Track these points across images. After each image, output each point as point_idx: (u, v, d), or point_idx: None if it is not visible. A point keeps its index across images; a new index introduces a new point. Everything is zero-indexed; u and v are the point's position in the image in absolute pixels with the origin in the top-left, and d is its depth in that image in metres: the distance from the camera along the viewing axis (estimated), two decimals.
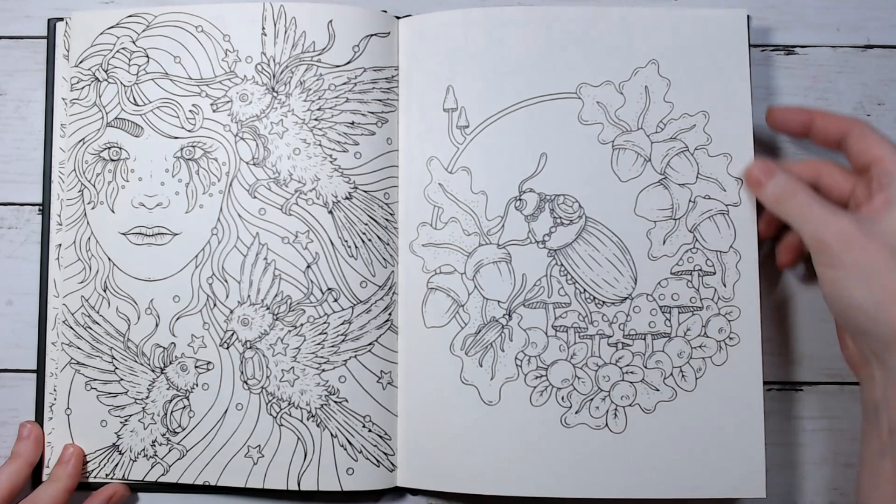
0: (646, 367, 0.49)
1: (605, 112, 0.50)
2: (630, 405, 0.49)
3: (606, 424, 0.49)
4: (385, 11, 0.52)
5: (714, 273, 0.49)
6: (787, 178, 0.45)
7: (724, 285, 0.49)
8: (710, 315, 0.49)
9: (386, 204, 0.51)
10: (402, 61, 0.52)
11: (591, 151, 0.50)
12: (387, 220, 0.51)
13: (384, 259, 0.51)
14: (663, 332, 0.49)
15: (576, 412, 0.49)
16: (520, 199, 0.50)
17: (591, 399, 0.49)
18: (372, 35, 0.51)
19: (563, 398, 0.49)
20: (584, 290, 0.50)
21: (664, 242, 0.50)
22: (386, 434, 0.50)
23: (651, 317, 0.49)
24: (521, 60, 0.51)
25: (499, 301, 0.50)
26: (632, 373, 0.49)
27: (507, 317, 0.49)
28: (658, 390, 0.49)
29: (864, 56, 0.54)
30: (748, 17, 0.50)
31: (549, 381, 0.49)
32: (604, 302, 0.50)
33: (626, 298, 0.50)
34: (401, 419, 0.50)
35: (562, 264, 0.50)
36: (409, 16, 0.52)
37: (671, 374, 0.49)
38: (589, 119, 0.50)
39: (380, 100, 0.51)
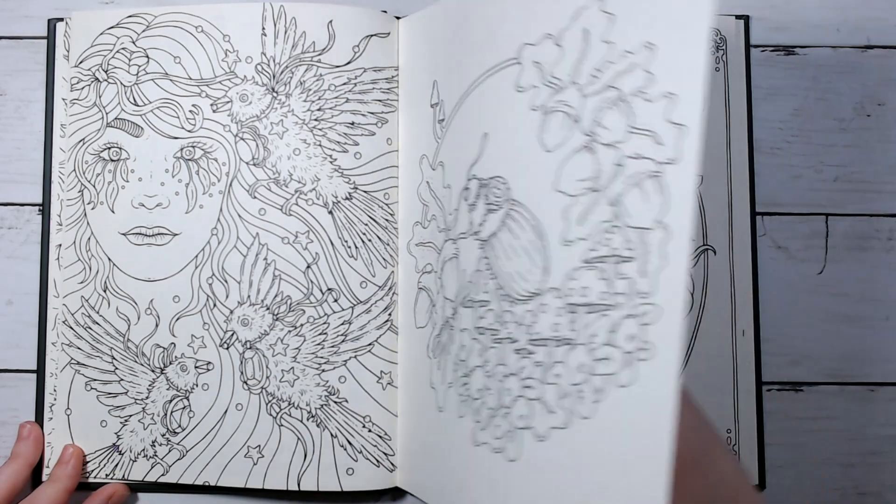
0: (544, 382, 0.41)
1: (540, 72, 0.42)
2: (525, 427, 0.41)
3: (504, 448, 0.42)
4: (385, 11, 0.52)
5: (633, 259, 0.37)
6: None
7: (644, 275, 0.36)
8: (622, 316, 0.37)
9: (386, 204, 0.51)
10: (402, 61, 0.52)
11: (523, 122, 0.43)
12: (387, 220, 0.51)
13: (384, 259, 0.51)
14: (567, 337, 0.40)
15: (482, 429, 0.43)
16: (467, 189, 0.45)
17: (495, 416, 0.43)
18: (372, 35, 0.51)
19: (476, 410, 0.44)
20: (501, 285, 0.44)
21: (582, 222, 0.39)
22: (386, 434, 0.50)
23: (556, 318, 0.41)
24: (476, 37, 0.46)
25: (450, 300, 0.46)
26: (530, 387, 0.41)
27: (453, 317, 0.46)
28: (553, 413, 0.40)
29: (864, 56, 0.54)
30: (748, 17, 0.50)
31: (470, 390, 0.44)
32: (516, 300, 0.43)
33: (535, 294, 0.42)
34: (401, 419, 0.50)
35: (487, 256, 0.44)
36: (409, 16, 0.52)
37: (568, 393, 0.39)
38: (525, 85, 0.42)
39: (380, 100, 0.51)
